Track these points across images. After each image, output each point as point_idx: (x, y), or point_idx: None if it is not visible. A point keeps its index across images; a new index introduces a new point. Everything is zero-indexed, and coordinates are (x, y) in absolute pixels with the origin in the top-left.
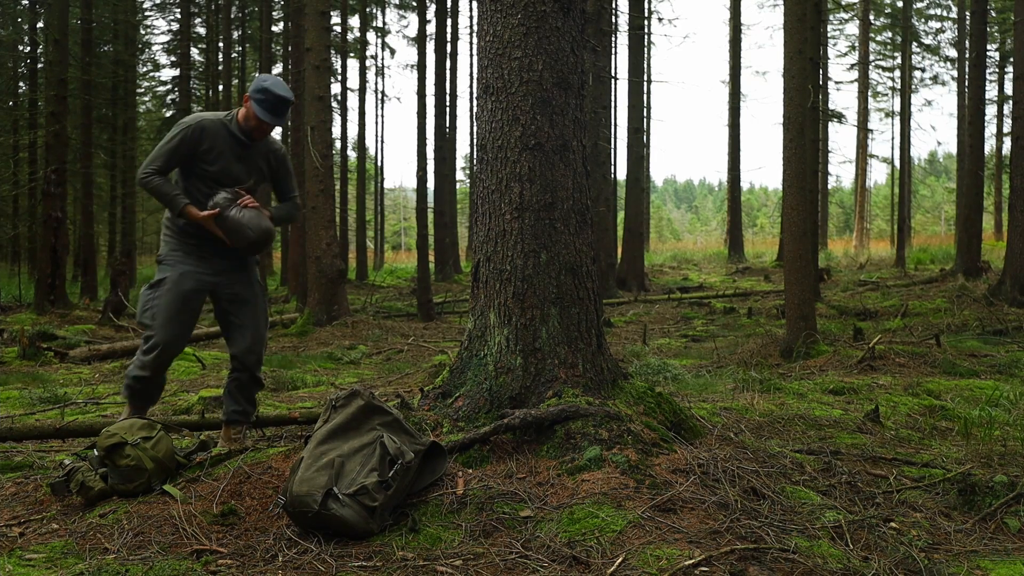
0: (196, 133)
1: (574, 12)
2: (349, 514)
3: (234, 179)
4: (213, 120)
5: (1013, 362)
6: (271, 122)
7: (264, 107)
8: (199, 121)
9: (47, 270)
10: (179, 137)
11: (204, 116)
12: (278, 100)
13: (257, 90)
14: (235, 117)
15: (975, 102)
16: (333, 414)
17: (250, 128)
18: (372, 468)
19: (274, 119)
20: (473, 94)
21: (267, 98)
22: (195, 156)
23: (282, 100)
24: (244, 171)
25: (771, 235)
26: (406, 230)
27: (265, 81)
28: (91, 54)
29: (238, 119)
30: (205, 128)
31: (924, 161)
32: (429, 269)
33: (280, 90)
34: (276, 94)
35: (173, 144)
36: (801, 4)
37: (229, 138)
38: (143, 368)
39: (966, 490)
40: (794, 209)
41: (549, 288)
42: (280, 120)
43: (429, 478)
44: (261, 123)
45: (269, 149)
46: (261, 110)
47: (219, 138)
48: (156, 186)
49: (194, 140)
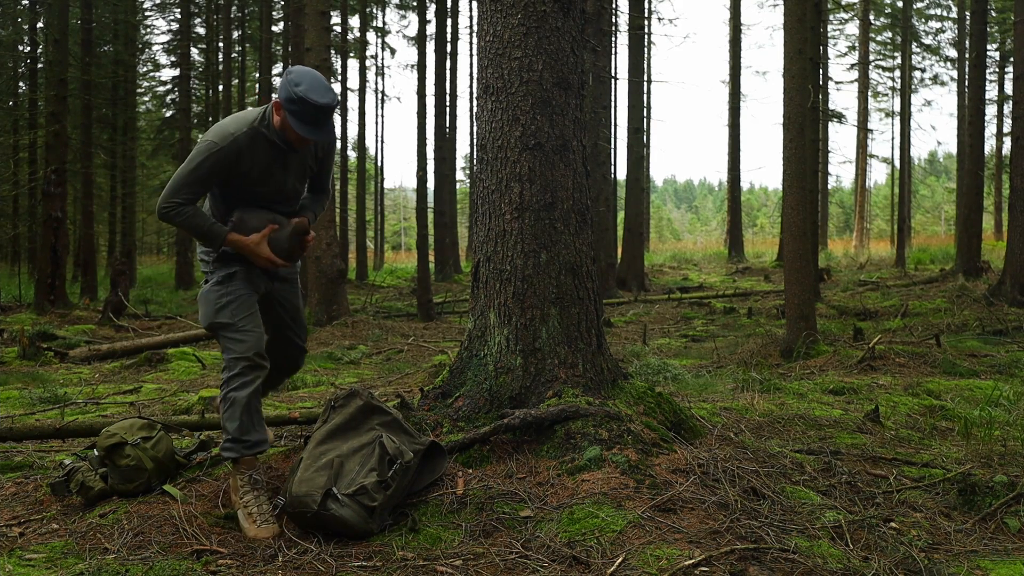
0: (231, 154)
1: (574, 12)
2: (348, 514)
3: (286, 192)
4: (248, 132)
5: (1013, 362)
6: (314, 137)
7: (302, 120)
8: (232, 139)
9: (47, 270)
10: (209, 163)
11: (232, 129)
12: (317, 111)
13: (289, 100)
14: (270, 120)
15: (975, 102)
16: (332, 414)
17: (291, 139)
18: (371, 468)
19: (317, 132)
20: (473, 94)
21: (304, 110)
22: (232, 177)
23: (322, 109)
24: (294, 179)
25: (771, 235)
26: (406, 230)
27: (298, 86)
28: (91, 54)
29: (274, 124)
30: (241, 146)
31: (924, 161)
32: (429, 269)
33: (319, 96)
34: (314, 103)
35: (203, 172)
36: (801, 4)
37: (270, 148)
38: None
39: (966, 490)
40: (794, 209)
41: (549, 288)
42: (325, 133)
43: (429, 478)
44: (302, 137)
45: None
46: (299, 124)
47: (259, 151)
48: (183, 220)
49: (229, 162)
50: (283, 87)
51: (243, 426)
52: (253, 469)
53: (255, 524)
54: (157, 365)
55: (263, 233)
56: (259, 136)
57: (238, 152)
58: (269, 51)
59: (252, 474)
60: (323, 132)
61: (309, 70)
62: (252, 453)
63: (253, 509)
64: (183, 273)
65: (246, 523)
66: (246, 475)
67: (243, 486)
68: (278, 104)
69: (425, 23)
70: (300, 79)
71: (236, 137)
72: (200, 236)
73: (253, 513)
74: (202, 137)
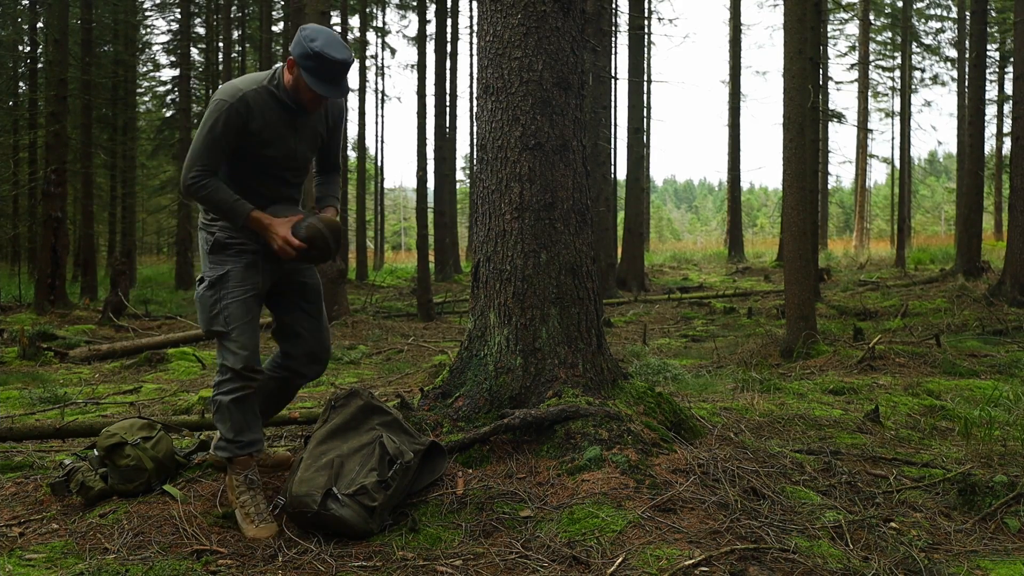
0: (241, 110)
1: (574, 12)
2: (348, 514)
3: (297, 159)
4: (256, 89)
5: (1013, 362)
6: (330, 95)
7: (319, 77)
8: (240, 94)
9: (47, 270)
10: (222, 120)
11: (241, 86)
12: (336, 66)
13: (305, 55)
14: (280, 80)
15: (975, 102)
16: (332, 414)
17: (303, 100)
18: (371, 468)
19: (333, 90)
20: (473, 94)
21: (321, 66)
22: (244, 139)
23: (341, 65)
24: (305, 145)
25: (771, 235)
26: (406, 230)
27: (314, 41)
28: (91, 54)
29: (285, 84)
30: (249, 102)
31: (924, 161)
32: (429, 269)
33: (336, 51)
34: (332, 58)
35: (218, 131)
36: (801, 4)
37: (279, 108)
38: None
39: (966, 490)
40: (794, 209)
41: (549, 288)
42: (342, 89)
43: (429, 478)
44: (316, 96)
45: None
46: (316, 81)
47: (269, 111)
48: (208, 194)
49: (240, 120)
50: (297, 43)
51: (235, 426)
52: (249, 469)
53: (253, 524)
54: (157, 365)
55: (289, 219)
56: (269, 94)
57: (247, 108)
58: (269, 51)
59: (248, 474)
60: (339, 90)
61: (323, 27)
62: (245, 453)
63: (251, 509)
64: (183, 273)
65: (244, 523)
66: (242, 475)
67: (239, 486)
68: (291, 62)
69: (425, 23)
70: (316, 35)
71: (245, 93)
72: (223, 211)
73: (251, 513)
74: (212, 99)
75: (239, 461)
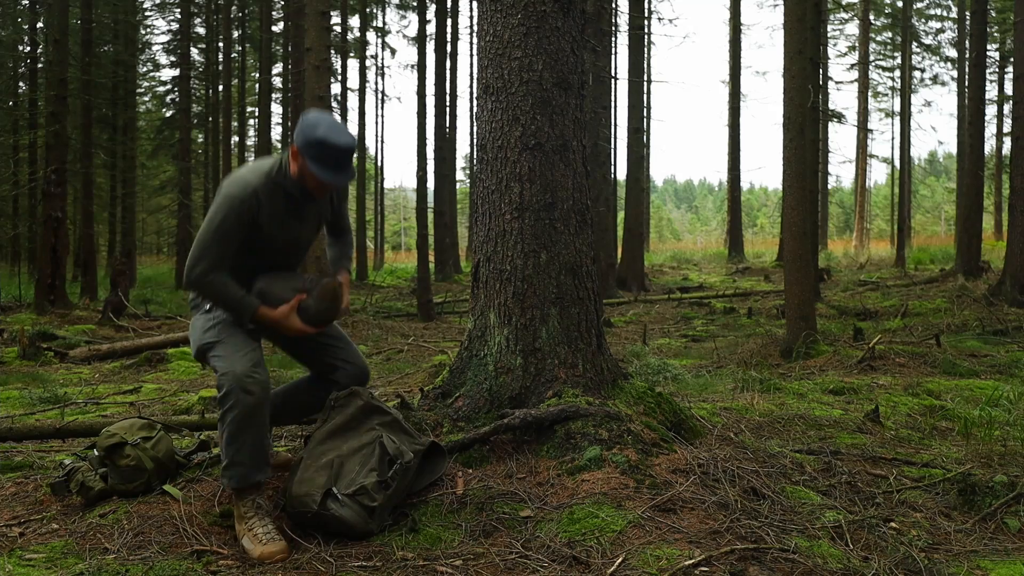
0: (253, 204)
1: (574, 12)
2: (348, 514)
3: (300, 244)
4: (266, 182)
5: (1013, 362)
6: (335, 182)
7: (323, 165)
8: (251, 188)
9: (47, 270)
10: (233, 214)
11: (251, 179)
12: (340, 153)
13: (309, 143)
14: (286, 169)
15: (975, 102)
16: (332, 414)
17: (310, 188)
18: (371, 468)
19: (339, 178)
20: (473, 94)
21: (325, 153)
22: (252, 231)
23: (344, 151)
24: (309, 229)
25: (771, 235)
26: (406, 230)
27: (317, 129)
28: (91, 54)
29: (291, 172)
30: (260, 196)
31: (924, 161)
32: (429, 269)
33: (339, 137)
34: (335, 145)
35: (228, 226)
36: (801, 4)
37: (285, 198)
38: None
39: (966, 490)
40: (794, 209)
41: (549, 288)
42: (347, 176)
43: (428, 478)
44: (322, 183)
45: None
46: (321, 168)
47: (276, 202)
48: (215, 290)
49: (251, 214)
50: (300, 132)
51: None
52: (257, 494)
53: (261, 543)
54: (157, 365)
55: (291, 305)
56: (277, 187)
57: (258, 202)
58: (269, 51)
59: (256, 498)
60: (345, 176)
61: (324, 113)
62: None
63: (259, 531)
64: (183, 273)
65: (251, 544)
66: (249, 500)
67: (247, 512)
68: (295, 150)
69: (425, 23)
70: (318, 122)
71: (256, 187)
72: (230, 308)
73: (259, 534)
74: (218, 191)
75: (246, 488)
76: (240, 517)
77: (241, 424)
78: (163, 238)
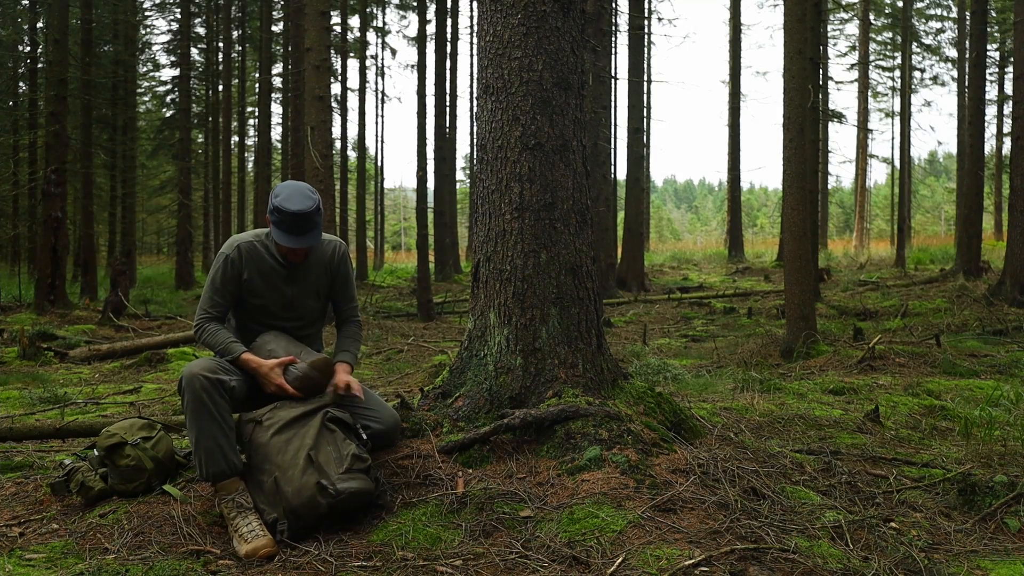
0: (235, 261)
1: (574, 12)
2: (357, 484)
3: (295, 309)
4: (250, 242)
5: (1013, 362)
6: (294, 246)
7: (281, 229)
8: (235, 245)
9: (47, 270)
10: (220, 271)
11: (240, 239)
12: (294, 218)
13: (270, 209)
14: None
15: (975, 102)
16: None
17: (282, 252)
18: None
19: (297, 240)
20: (473, 94)
21: (281, 219)
22: (240, 288)
23: (298, 217)
24: (304, 295)
25: (771, 235)
26: (406, 230)
27: (277, 196)
28: (91, 54)
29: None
30: (243, 252)
31: (924, 161)
32: (429, 269)
33: (294, 204)
34: (289, 211)
35: (217, 281)
36: (801, 4)
37: (271, 260)
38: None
39: (966, 490)
40: (794, 209)
41: (549, 288)
42: (306, 240)
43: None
44: (289, 248)
45: (322, 258)
46: (278, 232)
47: (261, 263)
48: (207, 337)
49: (235, 270)
50: (270, 198)
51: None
52: (235, 492)
53: (246, 542)
54: (157, 365)
55: (279, 360)
56: (263, 247)
57: (240, 258)
58: (269, 51)
59: (235, 497)
60: (301, 240)
61: (293, 182)
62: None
63: (244, 530)
64: (183, 273)
65: (239, 544)
66: (229, 499)
67: (229, 512)
68: (267, 216)
69: (425, 23)
70: (281, 190)
71: (240, 246)
72: (218, 351)
73: (244, 533)
74: None
75: (222, 486)
76: (225, 518)
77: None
78: (163, 238)
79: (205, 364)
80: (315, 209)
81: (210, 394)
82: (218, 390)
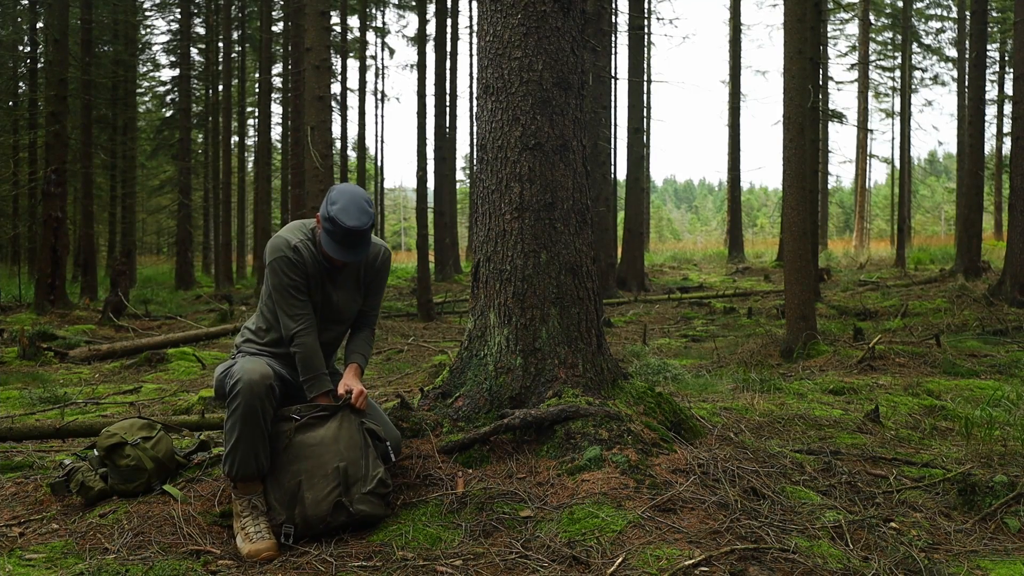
0: (298, 262)
1: (574, 12)
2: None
3: (333, 310)
4: (303, 241)
5: (1013, 362)
6: (341, 259)
7: (334, 240)
8: (293, 247)
9: (47, 270)
10: (287, 270)
11: (288, 236)
12: (348, 233)
13: (325, 217)
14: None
15: (975, 102)
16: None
17: (328, 256)
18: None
19: (347, 254)
20: (473, 94)
21: (335, 230)
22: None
23: (353, 232)
24: (345, 297)
25: (771, 235)
26: (406, 230)
27: (334, 205)
28: (91, 54)
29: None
30: (302, 252)
31: (924, 161)
32: (429, 269)
33: (351, 219)
34: (345, 226)
35: (286, 280)
36: (801, 4)
37: (319, 261)
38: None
39: (966, 490)
40: (794, 209)
41: (549, 288)
42: (357, 254)
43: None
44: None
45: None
46: (329, 242)
47: (313, 261)
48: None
49: (303, 268)
50: (324, 201)
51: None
52: (253, 493)
53: (250, 541)
54: (157, 365)
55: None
56: (310, 248)
57: (300, 257)
58: (269, 51)
59: (252, 499)
60: (353, 255)
61: (352, 188)
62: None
63: (250, 530)
64: (183, 273)
65: (242, 542)
66: (245, 499)
67: (242, 510)
68: (318, 218)
69: (425, 23)
70: (338, 197)
71: (296, 245)
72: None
73: (250, 533)
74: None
75: (242, 486)
76: (235, 515)
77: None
78: (163, 238)
79: (263, 370)
80: (367, 228)
81: (262, 401)
82: (270, 398)
